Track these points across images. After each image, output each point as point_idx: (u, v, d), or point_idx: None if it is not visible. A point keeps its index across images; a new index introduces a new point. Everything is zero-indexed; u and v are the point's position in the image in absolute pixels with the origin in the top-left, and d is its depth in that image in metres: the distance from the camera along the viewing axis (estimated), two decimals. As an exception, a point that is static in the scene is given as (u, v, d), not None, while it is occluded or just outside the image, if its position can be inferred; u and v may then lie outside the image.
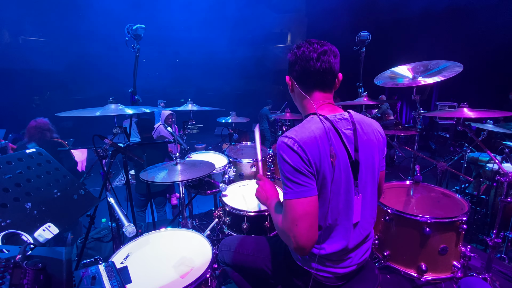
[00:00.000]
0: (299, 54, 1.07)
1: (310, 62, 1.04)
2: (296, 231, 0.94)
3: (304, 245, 0.95)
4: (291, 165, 0.96)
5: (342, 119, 1.07)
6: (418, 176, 1.92)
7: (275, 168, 2.63)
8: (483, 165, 2.93)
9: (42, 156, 1.37)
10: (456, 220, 1.53)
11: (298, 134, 0.98)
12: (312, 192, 0.97)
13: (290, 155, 0.96)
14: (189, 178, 1.51)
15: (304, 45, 1.06)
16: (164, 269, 1.18)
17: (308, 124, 1.03)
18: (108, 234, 2.49)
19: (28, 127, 3.01)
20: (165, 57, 10.84)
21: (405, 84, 1.99)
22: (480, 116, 1.77)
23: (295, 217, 0.95)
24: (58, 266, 0.84)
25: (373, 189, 1.14)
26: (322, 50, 1.03)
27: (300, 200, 0.95)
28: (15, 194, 1.13)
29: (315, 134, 0.99)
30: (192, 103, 2.23)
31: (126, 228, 1.33)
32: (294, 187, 0.96)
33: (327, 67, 1.05)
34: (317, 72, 1.05)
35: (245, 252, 1.40)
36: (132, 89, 2.03)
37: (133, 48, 1.93)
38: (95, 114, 1.46)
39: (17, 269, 0.69)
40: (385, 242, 1.74)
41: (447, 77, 1.84)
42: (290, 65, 1.13)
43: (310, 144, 0.97)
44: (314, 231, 0.97)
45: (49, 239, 1.10)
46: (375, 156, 1.12)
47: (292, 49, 1.11)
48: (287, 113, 2.83)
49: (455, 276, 1.58)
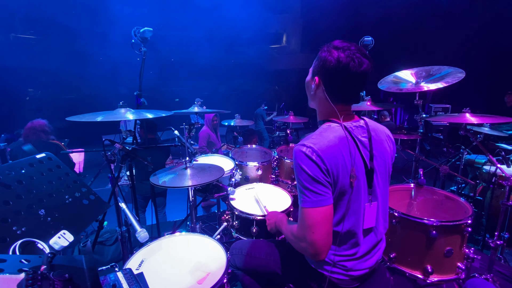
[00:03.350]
0: (342, 64, 0.99)
1: (350, 78, 1.01)
2: (314, 238, 0.97)
3: (321, 251, 0.98)
4: (309, 175, 0.97)
5: (358, 127, 1.09)
6: (422, 179, 1.96)
7: (280, 171, 2.65)
8: (479, 167, 3.01)
9: (52, 161, 1.35)
10: (462, 223, 1.57)
11: (316, 143, 0.99)
12: (329, 201, 0.99)
13: (308, 165, 0.97)
14: (200, 183, 1.51)
15: (349, 56, 0.98)
16: (180, 275, 1.18)
17: (326, 133, 1.04)
18: (111, 237, 2.47)
19: (24, 128, 2.96)
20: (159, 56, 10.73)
21: (408, 89, 2.03)
22: (482, 121, 1.82)
23: (312, 224, 0.97)
24: (81, 275, 0.84)
25: (385, 195, 1.17)
26: (365, 68, 0.99)
27: (317, 209, 0.97)
28: (29, 201, 1.11)
29: (334, 143, 1.00)
30: (198, 105, 2.23)
31: (139, 233, 1.32)
32: (312, 196, 0.97)
33: (361, 86, 1.04)
34: (352, 90, 1.05)
35: (257, 256, 1.41)
36: (138, 91, 2.01)
37: (140, 51, 1.91)
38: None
39: (45, 280, 0.68)
40: (391, 245, 1.77)
41: (450, 83, 1.89)
42: (326, 68, 1.03)
43: (328, 154, 0.98)
44: (330, 238, 1.00)
45: (65, 246, 1.09)
46: (388, 163, 1.14)
47: (331, 53, 1.01)
48: (291, 116, 2.85)
49: (459, 277, 1.63)
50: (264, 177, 2.49)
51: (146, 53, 1.91)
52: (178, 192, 3.66)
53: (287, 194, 1.98)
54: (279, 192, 2.04)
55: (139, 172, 2.96)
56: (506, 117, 1.99)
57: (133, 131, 1.66)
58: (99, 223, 1.55)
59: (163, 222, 3.26)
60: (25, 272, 0.69)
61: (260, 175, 2.43)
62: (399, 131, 2.33)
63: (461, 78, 1.89)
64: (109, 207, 1.51)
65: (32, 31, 8.98)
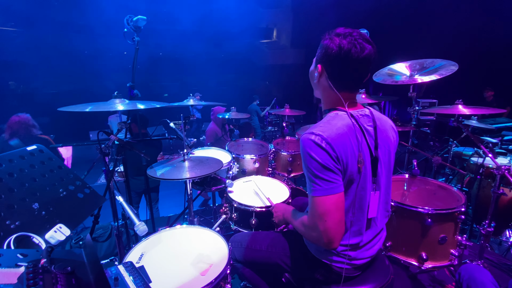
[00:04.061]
0: (344, 50, 0.98)
1: (352, 64, 1.00)
2: (327, 226, 0.96)
3: (334, 239, 0.97)
4: (319, 163, 0.96)
5: (364, 116, 1.09)
6: (415, 170, 2.00)
7: (276, 163, 2.65)
8: (467, 159, 3.12)
9: (43, 154, 1.29)
10: (455, 211, 1.62)
11: (325, 130, 0.98)
12: (340, 188, 0.98)
13: (318, 152, 0.96)
14: (199, 175, 1.48)
15: (350, 43, 0.97)
16: (183, 267, 1.16)
17: (334, 121, 1.03)
18: (104, 234, 2.41)
19: (9, 122, 2.82)
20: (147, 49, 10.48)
21: (403, 81, 2.06)
22: (474, 112, 1.88)
23: (324, 212, 0.96)
24: (82, 269, 0.81)
25: (388, 185, 1.18)
26: (367, 53, 0.98)
27: (329, 197, 0.96)
28: (21, 194, 1.06)
29: (343, 131, 1.00)
30: (193, 98, 2.18)
31: (137, 227, 1.29)
32: (323, 184, 0.96)
33: (365, 72, 1.03)
34: (355, 76, 1.04)
35: (258, 248, 1.41)
36: (131, 83, 1.95)
37: (133, 41, 1.85)
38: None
39: (46, 274, 0.65)
40: (387, 233, 1.81)
41: (444, 75, 1.93)
42: (328, 55, 1.03)
43: (338, 141, 0.97)
44: (342, 225, 1.00)
45: (61, 240, 1.04)
46: (391, 152, 1.16)
47: (333, 40, 1.00)
48: (287, 109, 2.84)
49: (452, 263, 1.68)
50: (261, 170, 2.49)
51: (139, 42, 1.85)
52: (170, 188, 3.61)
53: (285, 186, 1.98)
54: (277, 184, 2.04)
55: (131, 167, 2.90)
56: (494, 109, 2.07)
57: (128, 122, 1.61)
58: (94, 218, 1.50)
59: (156, 217, 3.22)
60: (25, 266, 0.65)
61: (257, 168, 2.42)
62: (394, 124, 2.37)
63: (454, 71, 1.94)
64: (105, 201, 1.46)
65: (12, 23, 8.57)
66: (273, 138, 2.95)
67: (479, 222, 1.95)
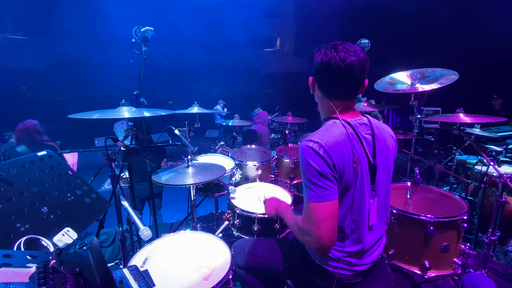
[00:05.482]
0: (325, 61, 1.04)
1: (335, 74, 1.04)
2: (320, 233, 0.98)
3: (327, 245, 0.99)
4: (316, 169, 0.98)
5: (362, 124, 1.12)
6: (418, 177, 2.00)
7: (279, 170, 2.68)
8: (471, 167, 3.10)
9: (53, 159, 1.33)
10: (458, 219, 1.61)
11: (323, 138, 1.01)
12: (335, 196, 1.00)
13: (316, 159, 0.99)
14: (203, 181, 1.51)
15: (331, 54, 1.03)
16: (186, 272, 1.18)
17: (332, 129, 1.06)
18: (108, 239, 2.43)
19: (16, 129, 2.89)
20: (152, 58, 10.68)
21: (405, 90, 2.09)
22: (475, 121, 1.89)
23: (318, 219, 0.98)
24: (90, 271, 0.83)
25: (387, 192, 1.20)
26: (349, 62, 1.01)
27: (323, 203, 0.98)
28: (31, 198, 1.10)
29: (340, 139, 1.02)
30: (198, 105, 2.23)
31: (142, 231, 1.32)
32: (318, 191, 0.99)
33: (352, 81, 1.06)
34: (340, 85, 1.07)
35: (260, 254, 1.42)
36: (138, 91, 2.00)
37: (140, 51, 1.91)
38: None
39: (56, 274, 0.68)
40: (389, 241, 1.80)
41: (444, 84, 1.95)
42: (316, 68, 1.11)
43: (335, 149, 1.00)
44: (335, 232, 1.01)
45: (68, 244, 1.07)
46: (390, 160, 1.18)
47: (320, 53, 1.07)
48: (289, 117, 2.88)
49: (456, 272, 1.67)
50: (264, 177, 2.51)
51: (146, 52, 1.91)
52: (173, 194, 3.63)
53: (287, 193, 2.00)
54: (279, 191, 2.06)
55: (136, 173, 2.93)
56: (496, 117, 2.08)
57: (135, 129, 1.65)
58: (100, 222, 1.53)
59: (159, 223, 3.23)
60: (36, 266, 0.68)
61: (260, 175, 2.45)
62: (395, 131, 2.38)
63: (454, 80, 1.96)
64: (111, 205, 1.49)
65: (22, 32, 8.82)
66: (276, 145, 2.97)
67: (485, 232, 1.94)
